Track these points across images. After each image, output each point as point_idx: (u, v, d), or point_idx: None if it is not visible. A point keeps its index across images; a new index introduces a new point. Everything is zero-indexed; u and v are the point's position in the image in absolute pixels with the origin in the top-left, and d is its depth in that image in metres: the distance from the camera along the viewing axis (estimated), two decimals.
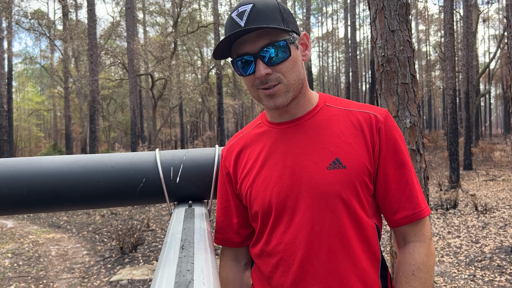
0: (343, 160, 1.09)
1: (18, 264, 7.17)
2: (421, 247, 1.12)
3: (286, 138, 1.16)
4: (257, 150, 1.21)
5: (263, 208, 1.15)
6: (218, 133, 21.21)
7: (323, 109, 1.18)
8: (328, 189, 1.07)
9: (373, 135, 1.11)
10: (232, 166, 1.26)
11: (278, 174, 1.13)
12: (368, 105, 1.18)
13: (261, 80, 1.09)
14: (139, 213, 11.35)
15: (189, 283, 0.64)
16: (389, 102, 3.06)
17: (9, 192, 1.25)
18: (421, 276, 1.09)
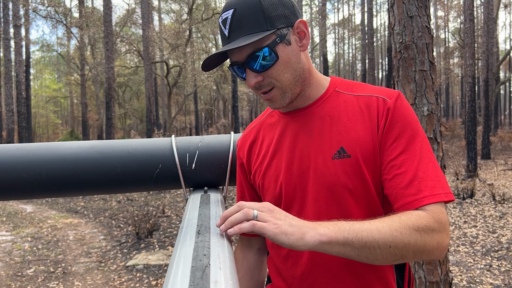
0: (348, 148, 1.05)
1: (38, 248, 7.35)
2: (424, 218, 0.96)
3: (294, 128, 1.15)
4: (268, 141, 1.20)
5: (274, 199, 1.15)
6: (232, 121, 21.23)
7: (332, 95, 1.14)
8: (334, 180, 1.05)
9: (379, 120, 1.06)
10: (245, 157, 1.26)
11: (287, 165, 1.12)
12: (380, 88, 1.12)
13: (254, 86, 1.07)
14: (154, 200, 11.49)
15: (205, 267, 0.64)
16: (406, 90, 3.01)
17: (28, 176, 1.27)
18: (396, 227, 0.93)
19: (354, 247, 0.89)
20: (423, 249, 0.94)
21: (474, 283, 4.84)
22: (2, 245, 7.66)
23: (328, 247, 0.88)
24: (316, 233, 0.87)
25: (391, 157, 1.03)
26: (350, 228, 0.90)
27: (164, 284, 0.63)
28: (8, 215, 10.52)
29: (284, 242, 0.86)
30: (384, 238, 0.90)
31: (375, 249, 0.90)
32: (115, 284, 5.44)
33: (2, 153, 1.28)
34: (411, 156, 1.02)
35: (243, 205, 0.90)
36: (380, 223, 0.93)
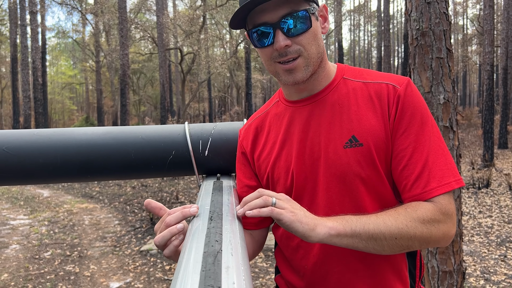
0: (360, 137, 1.04)
1: (54, 232, 7.50)
2: (430, 211, 0.98)
3: (303, 117, 1.13)
4: (275, 131, 1.18)
5: (285, 189, 1.14)
6: (246, 108, 21.20)
7: (340, 83, 1.12)
8: (346, 169, 1.04)
9: (389, 107, 1.04)
10: (249, 147, 1.24)
11: (297, 155, 1.11)
12: (389, 75, 1.11)
13: (279, 52, 1.04)
14: (168, 186, 11.60)
15: (217, 253, 0.65)
16: (422, 77, 2.97)
17: (44, 161, 1.29)
18: (402, 219, 0.96)
19: (362, 239, 0.93)
20: (428, 240, 0.97)
21: (488, 273, 4.81)
22: (20, 228, 7.83)
23: (336, 240, 0.92)
24: (326, 226, 0.91)
25: (402, 146, 1.03)
26: (357, 221, 0.94)
27: (177, 269, 0.64)
28: (26, 199, 10.74)
29: (298, 230, 0.89)
30: (390, 230, 0.94)
31: (382, 241, 0.94)
32: (129, 268, 5.54)
33: (19, 139, 1.30)
34: (421, 146, 1.02)
35: (263, 192, 0.94)
36: (386, 216, 0.96)
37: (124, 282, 5.10)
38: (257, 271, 5.23)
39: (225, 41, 28.76)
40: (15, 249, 6.55)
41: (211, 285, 0.52)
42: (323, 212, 1.07)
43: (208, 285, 0.52)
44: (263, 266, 5.43)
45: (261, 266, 5.41)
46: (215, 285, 0.53)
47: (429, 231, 0.96)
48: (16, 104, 22.73)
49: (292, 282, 1.17)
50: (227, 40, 29.54)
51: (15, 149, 1.28)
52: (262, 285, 4.79)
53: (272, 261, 5.55)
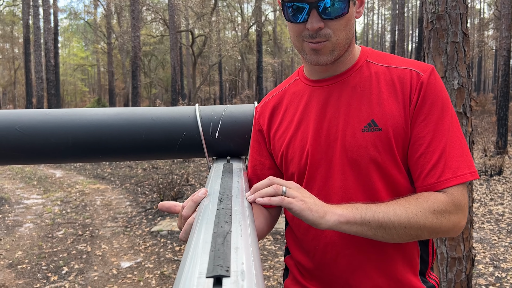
0: (379, 122, 1.03)
1: (67, 211, 7.63)
2: (441, 201, 0.98)
3: (322, 98, 1.11)
4: (293, 110, 1.17)
5: (299, 170, 1.13)
6: (256, 92, 21.13)
7: (363, 66, 1.10)
8: (363, 153, 1.03)
9: (411, 94, 1.03)
10: (266, 124, 1.23)
11: (314, 135, 1.10)
12: (412, 61, 1.09)
13: (310, 33, 1.02)
14: (179, 168, 11.69)
15: (226, 234, 0.65)
16: (436, 62, 2.92)
17: (56, 141, 1.30)
18: (412, 209, 0.96)
19: (371, 227, 0.95)
20: (438, 230, 0.98)
21: (498, 261, 4.79)
22: (33, 207, 7.98)
23: (346, 227, 0.94)
24: (335, 213, 0.93)
25: (421, 134, 1.02)
26: (367, 209, 0.95)
27: (186, 249, 0.64)
28: (39, 179, 10.92)
29: (308, 218, 0.91)
30: (399, 219, 0.95)
31: (391, 229, 0.95)
32: (140, 249, 5.63)
33: (32, 118, 1.31)
34: (439, 135, 1.01)
35: (274, 180, 0.96)
36: (397, 205, 0.97)
37: (135, 262, 5.19)
38: (266, 254, 5.28)
39: (237, 24, 28.53)
40: (29, 228, 6.69)
41: (220, 265, 0.53)
42: (336, 195, 1.07)
43: (218, 265, 0.53)
44: (272, 248, 5.48)
45: (270, 249, 5.46)
46: (224, 265, 0.53)
47: (439, 222, 0.97)
48: (29, 85, 22.93)
49: (302, 263, 1.18)
50: (238, 22, 29.31)
51: (27, 129, 1.29)
52: (271, 267, 4.84)
53: (281, 244, 5.59)
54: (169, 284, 4.54)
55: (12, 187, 9.97)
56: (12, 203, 8.36)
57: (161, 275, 4.77)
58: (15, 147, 1.29)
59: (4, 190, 9.53)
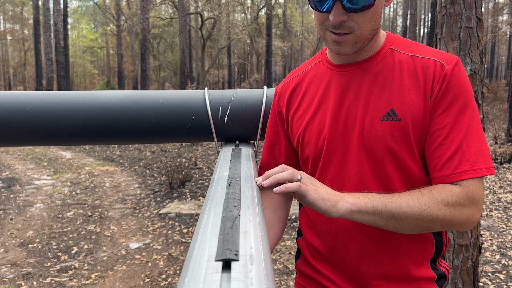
0: (398, 111, 1.02)
1: (76, 193, 7.73)
2: (455, 194, 0.97)
3: (343, 83, 1.10)
4: (312, 93, 1.16)
5: (314, 154, 1.14)
6: (265, 76, 21.02)
7: (387, 53, 1.08)
8: (379, 142, 1.03)
9: (433, 85, 1.01)
10: (285, 106, 1.23)
11: (331, 120, 1.09)
12: (438, 52, 1.07)
13: (333, 24, 1.00)
14: (187, 152, 11.74)
15: (235, 218, 0.65)
16: (449, 48, 2.87)
17: (66, 123, 1.31)
18: (425, 201, 0.95)
19: (382, 217, 0.95)
20: (451, 223, 0.97)
21: (505, 248, 4.78)
22: (44, 188, 8.09)
23: (357, 216, 0.94)
24: (347, 202, 0.93)
25: (439, 126, 1.01)
26: (380, 199, 0.95)
27: (195, 232, 0.65)
28: (49, 160, 11.04)
29: (320, 207, 0.92)
30: (412, 211, 0.94)
31: (403, 220, 0.95)
32: (148, 230, 5.70)
33: (42, 100, 1.32)
34: (458, 128, 1.00)
35: (286, 168, 0.96)
36: (410, 196, 0.96)
37: (143, 243, 5.26)
38: None
39: (246, 6, 28.24)
40: (40, 208, 6.79)
41: (229, 249, 0.53)
42: (351, 182, 1.08)
43: (226, 249, 0.53)
44: None
45: None
46: (233, 249, 0.53)
47: (452, 214, 0.96)
48: (39, 67, 23.00)
49: (314, 244, 1.19)
50: (248, 5, 29.00)
51: (38, 111, 1.30)
52: (277, 250, 4.88)
53: (288, 228, 5.63)
54: (177, 266, 4.60)
55: (23, 167, 10.10)
56: (23, 183, 8.48)
57: (169, 257, 4.83)
58: (26, 129, 1.30)
59: (15, 171, 9.66)
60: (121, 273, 4.43)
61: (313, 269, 1.21)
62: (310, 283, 1.22)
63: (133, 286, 4.14)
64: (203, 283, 0.46)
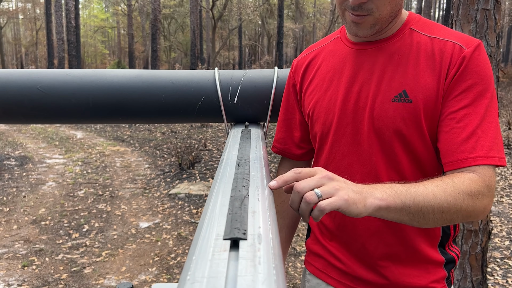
0: (410, 93, 0.99)
1: (87, 172, 7.82)
2: (476, 182, 0.92)
3: (358, 61, 1.08)
4: (326, 68, 1.15)
5: (322, 131, 1.13)
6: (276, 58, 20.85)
7: (406, 33, 1.06)
8: (388, 123, 1.01)
9: (449, 68, 0.98)
10: (299, 80, 1.22)
11: (343, 98, 1.08)
12: (460, 34, 1.03)
13: (352, 5, 0.98)
14: (197, 133, 11.77)
15: (244, 197, 0.65)
16: (465, 30, 2.81)
17: (77, 102, 1.31)
18: (450, 191, 0.89)
19: (410, 212, 0.87)
20: (471, 214, 0.92)
21: None
22: (55, 167, 8.20)
23: (384, 212, 0.85)
24: (375, 198, 0.83)
25: (453, 109, 0.97)
26: (407, 192, 0.86)
27: (204, 211, 0.65)
28: (61, 139, 11.15)
29: (353, 212, 0.80)
30: (439, 203, 0.87)
31: (429, 214, 0.88)
32: (158, 210, 5.76)
33: (53, 78, 1.32)
34: (474, 112, 0.95)
35: (299, 188, 0.80)
36: (434, 186, 0.89)
37: (153, 222, 5.33)
38: None
39: None
40: (51, 186, 6.90)
41: (237, 228, 0.53)
42: (359, 163, 1.07)
43: (235, 228, 0.53)
44: None
45: None
46: (241, 228, 0.53)
47: (474, 205, 0.91)
48: (51, 46, 23.05)
49: (324, 222, 1.20)
50: None
51: (48, 89, 1.30)
52: None
53: None
54: (186, 245, 4.66)
55: (35, 146, 10.23)
56: (35, 162, 8.60)
57: (178, 236, 4.89)
58: (37, 107, 1.31)
59: (28, 149, 9.78)
60: (131, 252, 4.50)
61: (322, 247, 1.22)
62: (319, 261, 1.23)
63: (143, 264, 4.21)
64: (210, 261, 0.46)
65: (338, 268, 1.17)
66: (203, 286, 0.40)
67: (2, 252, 4.49)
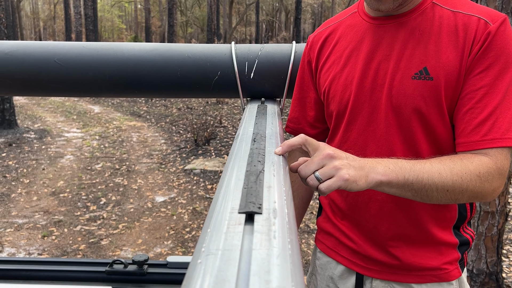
0: (432, 70, 0.96)
1: (104, 146, 7.93)
2: (486, 164, 0.91)
3: (377, 36, 1.04)
4: (344, 44, 1.11)
5: (339, 109, 1.10)
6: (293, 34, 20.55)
7: (428, 8, 1.01)
8: (407, 101, 0.98)
9: (473, 44, 0.93)
10: (315, 56, 1.18)
11: (360, 76, 1.05)
12: (485, 9, 0.98)
13: None
14: (212, 110, 11.78)
15: (259, 172, 0.65)
16: (490, 5, 2.71)
17: (94, 75, 1.31)
18: (457, 171, 0.88)
19: (412, 189, 0.88)
20: (478, 195, 0.92)
21: None
22: (73, 141, 8.33)
23: (386, 187, 0.87)
24: (377, 173, 0.84)
25: (473, 87, 0.94)
26: (411, 169, 0.87)
27: (219, 185, 0.65)
28: (78, 114, 11.29)
29: (353, 189, 0.82)
30: (443, 182, 0.88)
31: (433, 192, 0.89)
32: (174, 185, 5.83)
33: (70, 51, 1.32)
34: (495, 92, 0.92)
35: (302, 173, 0.83)
36: (441, 165, 0.89)
37: (169, 197, 5.40)
38: None
39: None
40: (70, 160, 7.02)
41: (252, 202, 0.53)
42: (375, 142, 1.05)
43: (250, 202, 0.53)
44: None
45: None
46: (257, 203, 0.53)
47: (482, 186, 0.90)
48: (68, 21, 23.10)
49: (336, 202, 1.19)
50: None
51: (65, 61, 1.31)
52: None
53: None
54: (201, 220, 4.73)
55: (53, 120, 10.38)
56: (54, 135, 8.75)
57: (193, 211, 4.96)
58: (54, 79, 1.31)
59: (47, 123, 9.94)
60: (147, 225, 4.59)
61: (333, 226, 1.21)
62: (329, 239, 1.22)
63: (158, 237, 4.29)
64: (225, 234, 0.45)
65: (349, 247, 1.16)
66: (217, 258, 0.40)
67: (23, 222, 4.62)
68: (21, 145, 7.87)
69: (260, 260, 0.40)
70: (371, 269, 1.12)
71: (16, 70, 1.31)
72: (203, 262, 0.40)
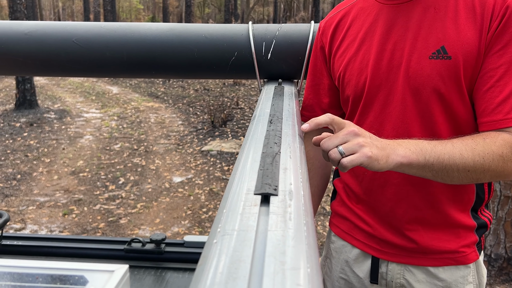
0: (450, 49, 0.93)
1: (123, 127, 8.02)
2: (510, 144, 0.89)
3: (391, 17, 1.01)
4: (357, 28, 1.08)
5: (355, 93, 1.08)
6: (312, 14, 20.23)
7: None
8: (426, 81, 0.95)
9: (492, 20, 0.90)
10: (328, 42, 1.16)
11: (375, 58, 1.02)
12: None
13: None
14: (229, 91, 11.77)
15: (275, 154, 0.64)
16: None
17: (111, 55, 1.31)
18: (479, 151, 0.87)
19: (433, 170, 0.87)
20: (500, 174, 0.91)
21: None
22: (92, 121, 8.44)
23: (406, 168, 0.86)
24: (397, 155, 0.84)
25: (493, 65, 0.91)
26: (432, 150, 0.86)
27: (235, 166, 0.65)
28: (97, 94, 11.42)
29: (375, 167, 0.82)
30: (465, 162, 0.87)
31: (453, 172, 0.88)
32: (191, 166, 5.89)
33: (88, 31, 1.33)
34: None
35: (324, 146, 0.83)
36: (463, 145, 0.88)
37: (186, 177, 5.46)
38: None
39: None
40: (89, 140, 7.14)
41: (268, 183, 0.52)
42: (392, 124, 1.03)
43: (266, 183, 0.52)
44: None
45: None
46: (273, 184, 0.53)
47: (505, 166, 0.88)
48: (87, 1, 23.17)
49: (351, 186, 1.18)
50: None
51: (83, 41, 1.31)
52: None
53: None
54: (217, 200, 4.78)
55: (72, 100, 10.53)
56: (73, 115, 8.88)
57: (210, 192, 5.01)
58: (72, 59, 1.32)
59: (66, 103, 10.09)
60: (164, 205, 4.66)
61: (348, 210, 1.20)
62: (344, 223, 1.22)
63: (176, 217, 4.36)
64: (241, 215, 0.45)
65: (365, 230, 1.15)
66: (233, 238, 0.40)
67: (44, 200, 4.74)
68: (41, 125, 8.02)
69: (275, 241, 0.40)
70: (387, 253, 1.12)
71: (35, 51, 1.32)
72: (219, 242, 0.40)
